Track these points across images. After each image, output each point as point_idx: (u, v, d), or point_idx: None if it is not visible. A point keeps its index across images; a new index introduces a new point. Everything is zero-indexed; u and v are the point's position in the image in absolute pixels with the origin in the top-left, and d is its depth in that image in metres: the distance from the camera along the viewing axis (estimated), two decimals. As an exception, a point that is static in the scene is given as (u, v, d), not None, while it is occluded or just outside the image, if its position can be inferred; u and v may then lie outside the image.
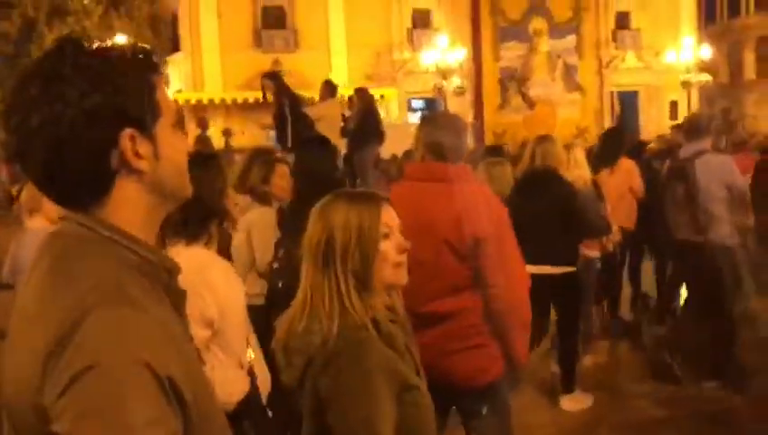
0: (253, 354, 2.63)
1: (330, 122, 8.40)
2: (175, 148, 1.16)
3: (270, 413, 2.68)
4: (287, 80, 20.97)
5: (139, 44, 1.17)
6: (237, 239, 4.01)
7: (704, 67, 25.99)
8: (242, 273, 3.90)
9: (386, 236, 1.83)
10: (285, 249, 3.53)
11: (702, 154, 5.02)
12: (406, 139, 11.15)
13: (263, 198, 4.09)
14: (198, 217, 2.44)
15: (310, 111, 8.63)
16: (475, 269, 2.74)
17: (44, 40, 22.31)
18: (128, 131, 1.08)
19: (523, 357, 2.89)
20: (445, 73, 21.64)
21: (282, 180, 4.07)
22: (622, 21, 29.06)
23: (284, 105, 8.14)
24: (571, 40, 27.59)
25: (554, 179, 4.81)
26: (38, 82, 1.05)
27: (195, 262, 2.28)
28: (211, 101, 22.18)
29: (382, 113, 23.19)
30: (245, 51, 23.85)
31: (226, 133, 13.21)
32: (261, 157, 4.29)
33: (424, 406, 1.85)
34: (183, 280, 1.23)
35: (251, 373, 2.54)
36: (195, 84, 23.95)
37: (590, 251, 5.51)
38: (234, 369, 2.44)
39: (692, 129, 5.25)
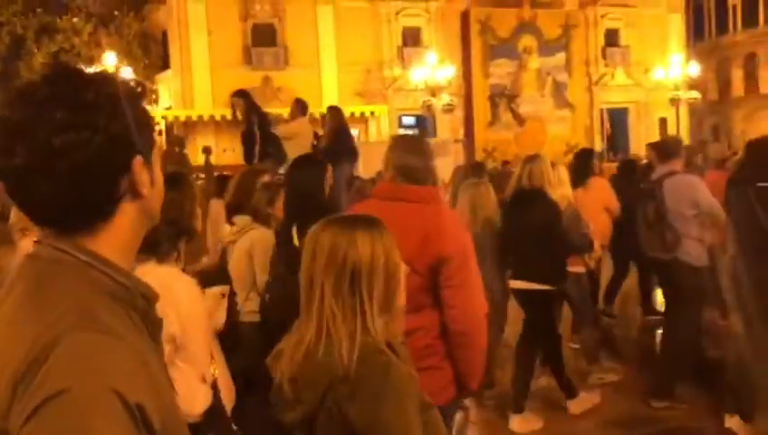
0: (217, 370, 2.65)
1: (301, 140, 8.33)
2: (160, 175, 1.21)
3: (234, 427, 2.70)
4: (278, 96, 21.01)
5: (129, 76, 1.19)
6: (237, 258, 4.07)
7: (692, 84, 26.15)
8: (242, 292, 4.01)
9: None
10: (276, 265, 3.61)
11: (671, 175, 5.16)
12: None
13: (265, 220, 4.16)
14: (169, 236, 2.52)
15: (280, 129, 8.58)
16: (436, 289, 2.74)
17: (33, 58, 22.29)
18: (139, 159, 1.12)
19: (477, 381, 2.86)
20: (434, 91, 21.66)
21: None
22: (611, 38, 29.29)
23: (254, 123, 8.07)
24: (560, 57, 27.77)
25: (539, 199, 4.90)
26: (62, 108, 1.04)
27: (158, 280, 2.31)
28: (200, 117, 22.14)
29: (372, 130, 23.50)
30: (235, 68, 23.85)
31: (207, 151, 13.03)
32: (252, 176, 4.36)
33: (440, 427, 1.90)
34: None
35: (214, 387, 2.57)
36: (184, 101, 23.93)
37: (576, 267, 5.58)
38: (196, 382, 2.47)
39: (662, 151, 5.45)
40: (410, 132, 25.64)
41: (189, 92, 23.92)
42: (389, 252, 1.82)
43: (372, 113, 23.82)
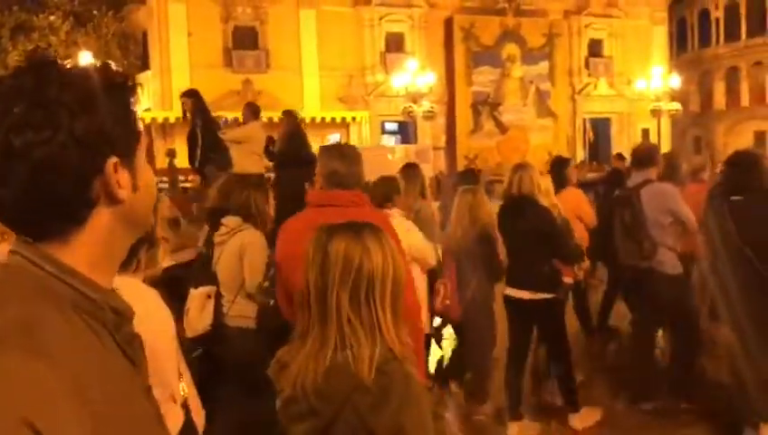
0: (186, 389, 2.54)
1: (252, 145, 8.19)
2: (148, 177, 1.11)
3: None
4: (259, 99, 20.80)
5: (115, 67, 1.08)
6: (226, 260, 4.05)
7: (675, 96, 26.23)
8: (229, 294, 4.02)
9: None
10: (276, 268, 3.66)
11: (648, 183, 5.16)
12: (377, 164, 10.81)
13: (256, 221, 4.20)
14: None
15: (231, 133, 8.48)
16: None
17: (8, 56, 21.89)
18: (113, 159, 1.02)
19: None
20: (415, 97, 21.50)
21: None
22: (595, 48, 29.41)
23: (197, 125, 7.94)
24: (543, 66, 27.76)
25: (531, 206, 4.92)
26: (22, 103, 0.95)
27: (124, 293, 2.12)
28: (179, 119, 21.75)
29: (354, 136, 23.31)
30: (216, 70, 23.61)
31: (171, 154, 12.80)
32: (237, 183, 4.42)
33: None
34: None
35: (185, 406, 2.47)
36: (163, 103, 23.61)
37: (566, 278, 5.55)
38: (166, 403, 2.33)
39: (638, 159, 5.39)
40: (393, 138, 25.55)
41: (168, 94, 23.55)
42: (396, 259, 1.84)
43: (354, 119, 23.63)
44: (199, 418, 2.61)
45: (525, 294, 4.87)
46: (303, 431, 1.78)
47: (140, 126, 1.10)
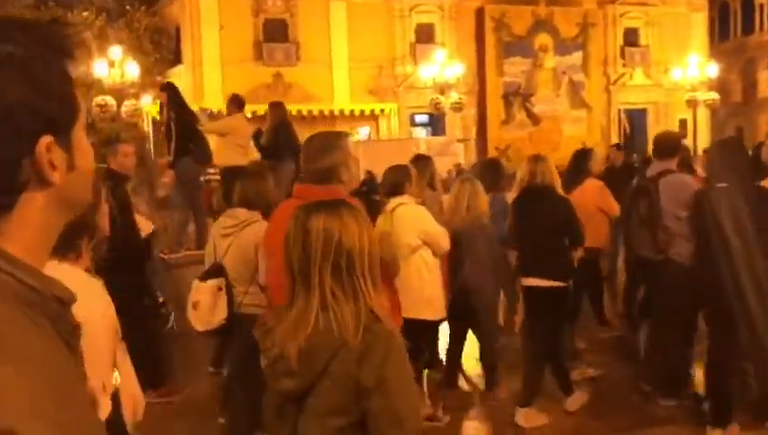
0: (119, 378, 2.56)
1: (236, 137, 8.23)
2: (87, 155, 0.97)
3: None
4: (289, 93, 20.76)
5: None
6: (238, 251, 4.13)
7: (713, 85, 25.53)
8: (241, 286, 4.12)
9: None
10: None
11: (667, 174, 5.07)
12: (401, 156, 10.71)
13: (267, 211, 4.26)
14: (69, 233, 2.30)
15: (213, 125, 8.53)
16: None
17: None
18: (45, 139, 0.88)
19: None
20: (443, 88, 21.33)
21: None
22: (630, 37, 28.79)
23: (171, 119, 7.99)
24: (577, 57, 27.31)
25: (556, 197, 5.04)
26: None
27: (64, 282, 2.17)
28: (210, 113, 22.01)
29: (383, 128, 23.24)
30: (246, 63, 23.77)
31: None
32: (257, 170, 4.61)
33: None
34: None
35: (115, 398, 2.49)
36: (195, 97, 23.77)
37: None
38: (94, 392, 2.34)
39: (659, 148, 5.30)
40: (424, 130, 25.44)
41: (200, 88, 23.81)
42: (370, 231, 2.01)
43: (383, 111, 23.58)
44: (132, 401, 2.66)
45: (543, 283, 4.89)
46: (291, 386, 1.95)
47: (78, 97, 0.96)
